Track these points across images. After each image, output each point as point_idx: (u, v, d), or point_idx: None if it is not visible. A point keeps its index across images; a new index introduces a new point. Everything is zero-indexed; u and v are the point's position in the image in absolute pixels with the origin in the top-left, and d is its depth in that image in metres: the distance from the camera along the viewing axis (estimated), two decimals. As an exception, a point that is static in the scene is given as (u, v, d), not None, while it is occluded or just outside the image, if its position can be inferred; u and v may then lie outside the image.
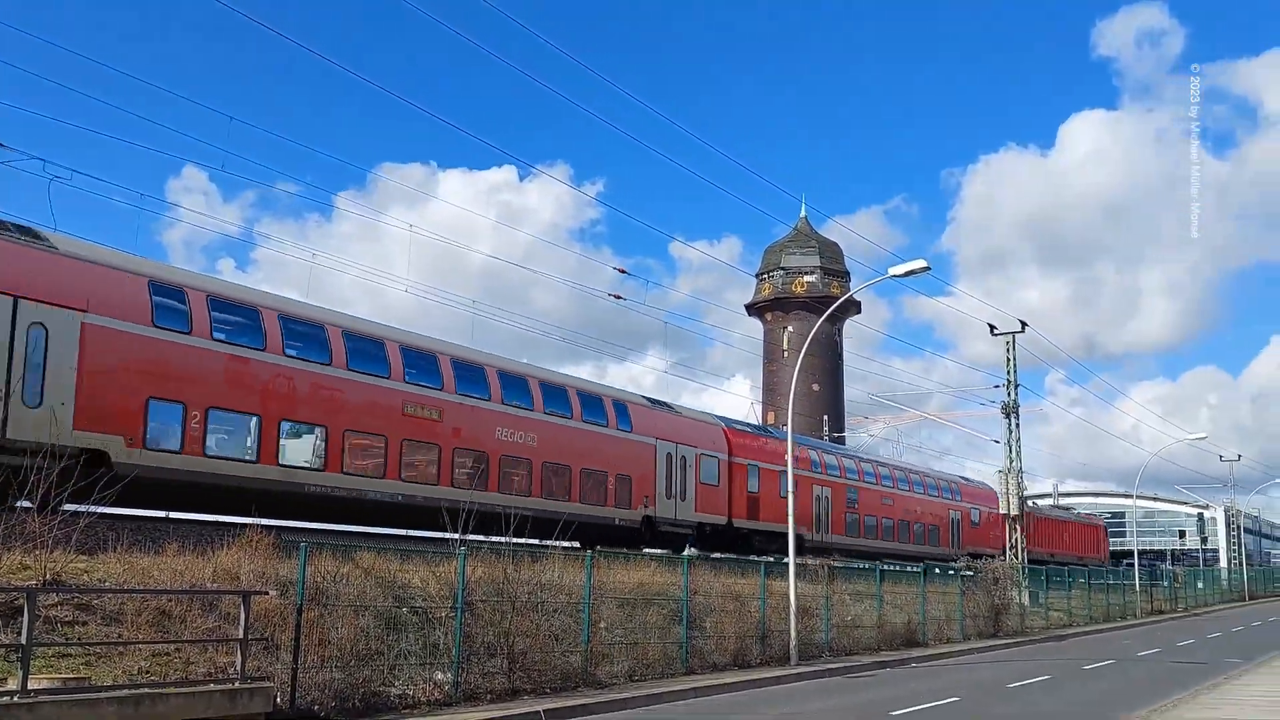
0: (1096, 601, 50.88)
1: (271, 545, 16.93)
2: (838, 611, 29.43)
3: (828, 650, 27.71)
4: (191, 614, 15.25)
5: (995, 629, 37.38)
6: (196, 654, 14.83)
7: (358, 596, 17.30)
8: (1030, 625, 41.07)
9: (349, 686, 15.74)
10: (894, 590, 33.87)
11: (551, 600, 19.88)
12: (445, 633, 17.75)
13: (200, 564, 16.15)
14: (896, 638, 31.26)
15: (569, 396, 31.17)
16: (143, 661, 14.24)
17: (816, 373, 75.13)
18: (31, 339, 18.32)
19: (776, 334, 79.34)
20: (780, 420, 60.35)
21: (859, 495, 45.81)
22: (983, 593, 37.88)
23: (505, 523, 19.26)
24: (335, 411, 23.76)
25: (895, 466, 52.63)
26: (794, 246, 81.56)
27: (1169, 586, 63.88)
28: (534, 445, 29.03)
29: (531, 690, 18.32)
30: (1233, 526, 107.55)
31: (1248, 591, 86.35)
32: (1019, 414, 48.71)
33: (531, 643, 18.73)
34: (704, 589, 24.88)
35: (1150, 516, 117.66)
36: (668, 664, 22.08)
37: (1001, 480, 48.40)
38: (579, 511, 29.41)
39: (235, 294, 23.24)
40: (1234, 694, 20.50)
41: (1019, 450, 48.20)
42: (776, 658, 25.29)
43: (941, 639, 33.88)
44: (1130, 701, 19.53)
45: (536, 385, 30.07)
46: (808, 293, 77.42)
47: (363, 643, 16.52)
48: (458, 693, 17.15)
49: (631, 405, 34.13)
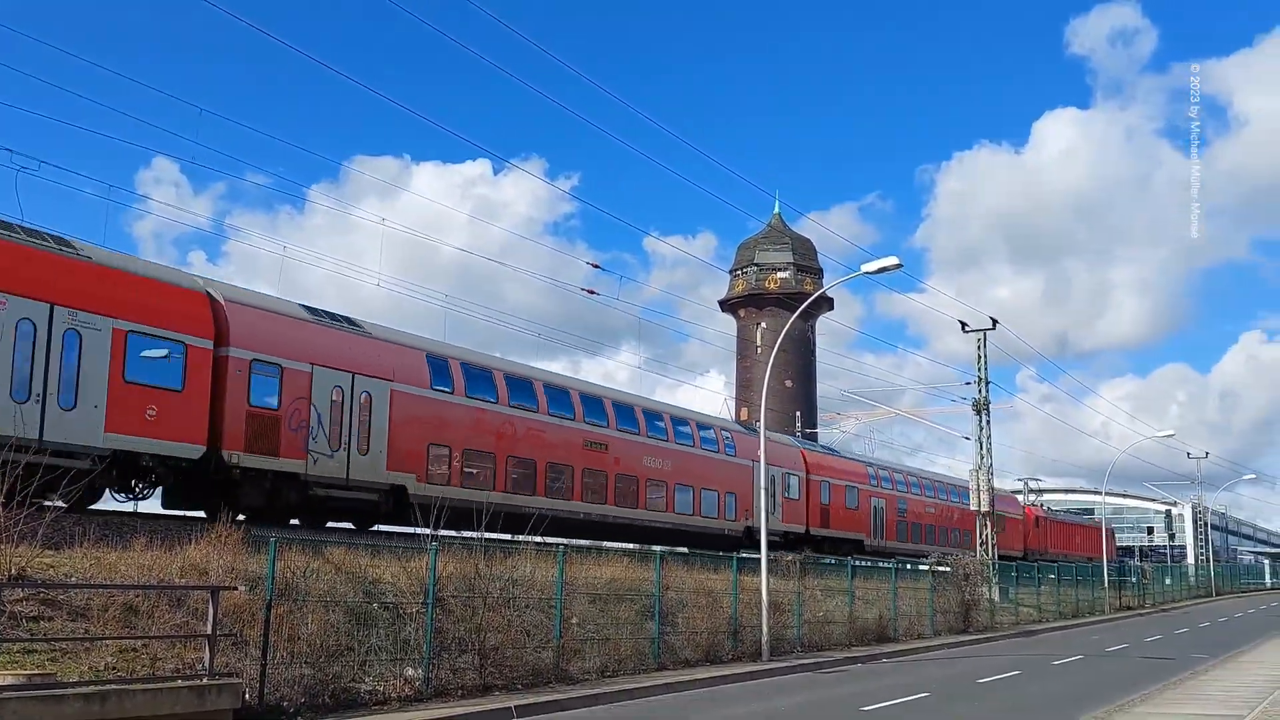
0: (1066, 597, 51.22)
1: (240, 540, 16.79)
2: (809, 607, 29.48)
3: (799, 646, 27.76)
4: (159, 610, 15.10)
5: (965, 625, 37.56)
6: (164, 650, 14.68)
7: (328, 592, 17.21)
8: (1000, 621, 41.29)
9: (318, 682, 15.64)
10: (865, 586, 33.99)
11: (523, 596, 19.81)
12: (416, 628, 17.66)
13: (168, 559, 15.99)
14: (868, 633, 31.34)
15: (691, 428, 37.92)
16: (109, 657, 14.09)
17: (789, 369, 75.32)
18: (359, 401, 24.75)
19: (750, 330, 79.40)
20: (754, 416, 60.51)
21: (908, 505, 52.77)
22: (953, 589, 38.04)
23: (645, 535, 25.34)
24: (541, 448, 30.21)
25: (934, 479, 59.08)
26: (767, 243, 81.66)
27: (1137, 583, 64.34)
28: (669, 470, 35.62)
29: (503, 686, 18.27)
30: (1200, 523, 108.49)
31: (1215, 588, 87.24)
32: (990, 411, 49.01)
33: (503, 638, 18.67)
34: (676, 584, 24.88)
35: (1119, 513, 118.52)
36: (640, 660, 22.06)
37: (972, 477, 48.63)
38: (700, 524, 36.86)
39: (477, 360, 29.79)
40: (1201, 689, 20.71)
41: (990, 447, 48.48)
42: (748, 653, 25.32)
43: (913, 634, 34.01)
44: (1099, 697, 19.68)
45: (669, 419, 36.85)
46: (781, 289, 77.54)
47: (333, 638, 16.42)
48: (428, 689, 17.08)
49: (735, 434, 41.09)
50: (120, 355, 20.00)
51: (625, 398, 35.86)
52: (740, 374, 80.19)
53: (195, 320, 21.59)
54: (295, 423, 23.25)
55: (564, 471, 30.77)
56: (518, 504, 27.90)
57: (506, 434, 29.11)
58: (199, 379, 21.42)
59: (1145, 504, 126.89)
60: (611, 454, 32.75)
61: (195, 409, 21.28)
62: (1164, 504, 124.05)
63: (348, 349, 25.06)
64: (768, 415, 28.66)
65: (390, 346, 26.38)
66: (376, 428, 25.03)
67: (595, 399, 33.33)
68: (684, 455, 36.43)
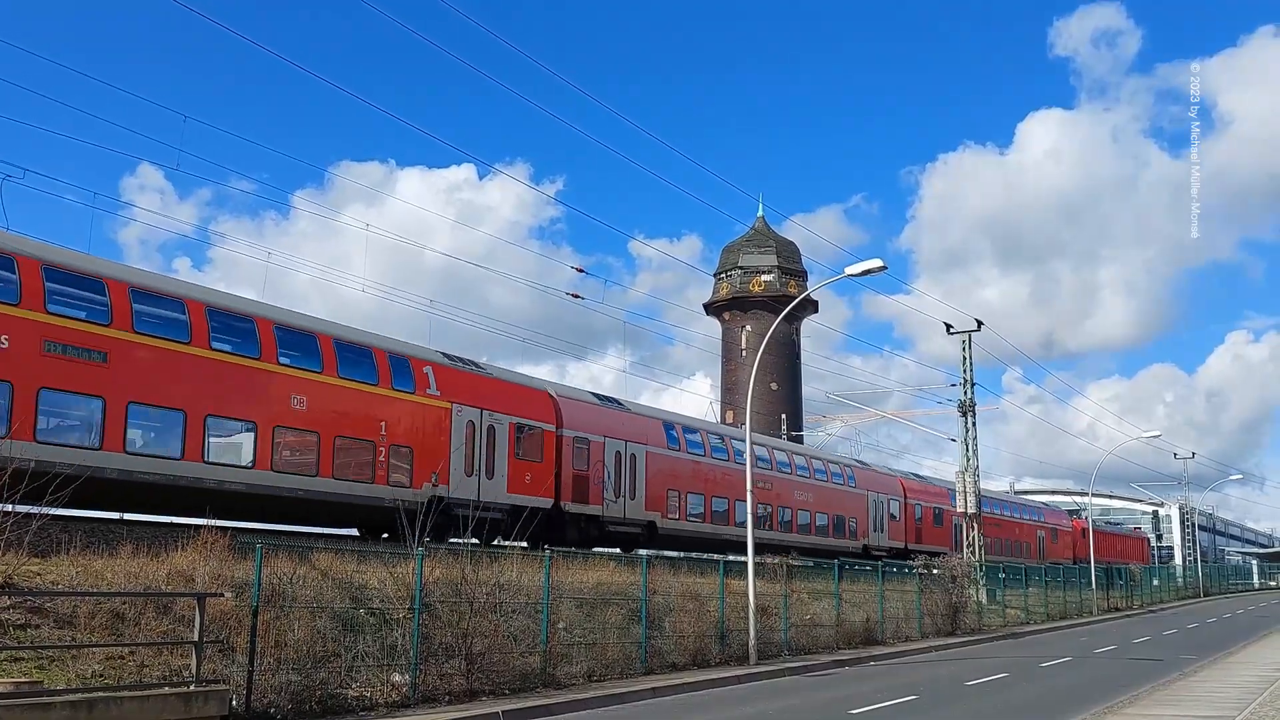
0: (1054, 599, 51.31)
1: (227, 547, 16.78)
2: (796, 610, 29.53)
3: (787, 649, 27.80)
4: (146, 617, 15.10)
5: (953, 627, 37.62)
6: (151, 657, 14.69)
7: (314, 598, 17.22)
8: (988, 623, 41.38)
9: (305, 689, 15.64)
10: (852, 589, 34.05)
11: (510, 601, 19.82)
12: (403, 634, 17.67)
13: (154, 566, 16.00)
14: (855, 636, 31.38)
15: (825, 466, 47.71)
16: (96, 665, 14.09)
17: (775, 372, 75.38)
18: (628, 461, 33.67)
19: (734, 333, 79.46)
20: (739, 419, 60.61)
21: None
22: (940, 591, 38.09)
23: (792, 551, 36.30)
24: (729, 488, 38.34)
25: (1006, 498, 68.61)
26: (751, 246, 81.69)
27: (1125, 584, 64.50)
28: (812, 501, 45.33)
29: (490, 691, 18.28)
30: (1187, 524, 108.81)
31: (1202, 588, 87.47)
32: (976, 413, 49.11)
33: (490, 644, 18.67)
34: (663, 589, 24.91)
35: (1106, 514, 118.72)
36: (627, 664, 22.08)
37: (959, 479, 48.70)
38: (834, 545, 45.26)
39: (690, 423, 40.12)
40: (1190, 691, 20.80)
41: (975, 449, 48.57)
42: (736, 657, 25.35)
43: (900, 637, 34.06)
44: (1087, 698, 19.75)
45: (810, 460, 46.93)
46: (765, 292, 77.58)
47: (319, 644, 16.42)
48: (415, 694, 17.09)
49: (855, 469, 50.91)
50: (513, 440, 29.03)
51: (780, 444, 48.92)
52: (725, 377, 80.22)
53: (547, 413, 30.78)
54: (596, 479, 32.15)
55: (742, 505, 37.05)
56: (716, 532, 37.85)
57: (710, 479, 38.35)
58: (550, 453, 30.45)
59: (1133, 505, 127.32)
60: (775, 490, 42.56)
61: (549, 474, 30.24)
62: (1151, 505, 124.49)
63: (619, 423, 34.07)
64: (753, 418, 28.72)
65: (641, 418, 35.77)
66: (638, 479, 34.10)
67: (762, 444, 44.18)
68: (822, 489, 46.48)
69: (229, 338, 22.38)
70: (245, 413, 22.29)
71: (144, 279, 21.90)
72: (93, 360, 19.64)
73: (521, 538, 24.75)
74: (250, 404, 22.36)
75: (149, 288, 21.43)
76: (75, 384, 19.39)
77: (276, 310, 24.49)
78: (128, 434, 20.10)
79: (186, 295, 22.18)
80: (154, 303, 21.22)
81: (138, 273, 22.34)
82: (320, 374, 23.93)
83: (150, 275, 23.00)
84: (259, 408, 22.49)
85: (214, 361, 21.86)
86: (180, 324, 21.44)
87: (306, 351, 23.98)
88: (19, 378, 18.45)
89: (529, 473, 29.23)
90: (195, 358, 21.51)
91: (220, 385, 21.87)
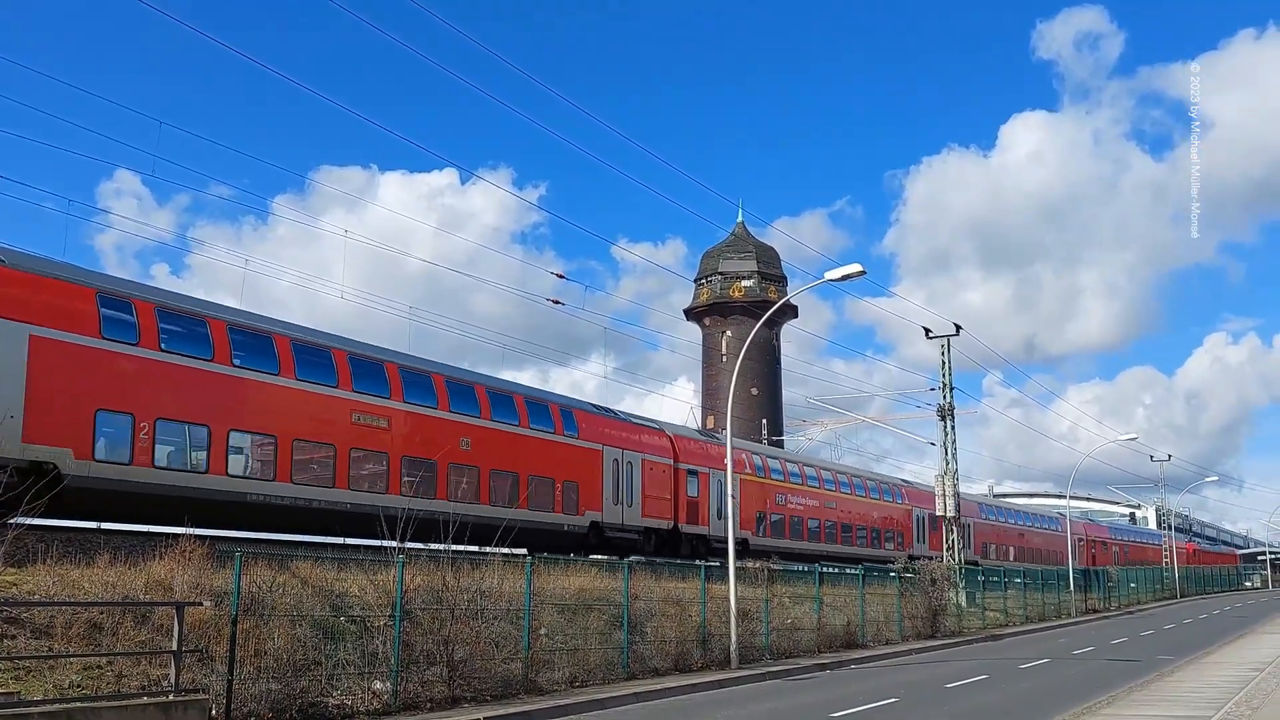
0: (1032, 601, 51.51)
1: (205, 555, 16.69)
2: (777, 614, 29.56)
3: (768, 653, 27.82)
4: (124, 626, 15.00)
5: (933, 630, 37.74)
6: (129, 666, 14.58)
7: (294, 606, 17.13)
8: (967, 625, 41.51)
9: (286, 697, 15.56)
10: (833, 592, 34.12)
11: (492, 607, 19.78)
12: (384, 641, 17.61)
13: (132, 575, 15.88)
14: (836, 640, 31.45)
15: (878, 485, 54.27)
16: (74, 675, 13.98)
17: (755, 377, 75.45)
18: (719, 487, 37.73)
19: (715, 339, 79.53)
20: (719, 424, 60.74)
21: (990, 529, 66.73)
22: (920, 594, 38.22)
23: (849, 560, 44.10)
24: (804, 509, 45.97)
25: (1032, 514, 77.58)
26: (731, 251, 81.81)
27: (1103, 585, 64.77)
28: (874, 517, 52.54)
29: (472, 698, 18.23)
30: (1164, 525, 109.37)
31: (1179, 590, 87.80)
32: (955, 416, 49.29)
33: (471, 650, 18.63)
34: (644, 594, 24.90)
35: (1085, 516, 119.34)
36: (609, 669, 22.06)
37: (938, 483, 48.87)
38: (885, 554, 50.13)
39: (771, 453, 48.67)
40: (1167, 691, 20.90)
41: (955, 453, 48.74)
42: (717, 661, 25.36)
43: (880, 640, 34.15)
44: (1066, 699, 19.84)
45: (866, 481, 53.30)
46: (745, 297, 77.68)
47: (300, 653, 16.35)
48: (397, 702, 17.03)
49: (902, 487, 56.86)
50: (645, 473, 35.06)
51: (843, 468, 53.99)
52: (706, 382, 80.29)
53: (667, 450, 37.08)
54: (703, 504, 38.05)
55: (818, 524, 47.01)
56: (792, 546, 43.69)
57: (789, 501, 44.70)
58: (670, 483, 36.46)
59: (1111, 507, 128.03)
60: (839, 508, 48.97)
61: (669, 501, 36.24)
62: (1128, 506, 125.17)
63: (717, 455, 38.11)
64: (733, 423, 28.76)
65: (737, 450, 36.93)
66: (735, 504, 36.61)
67: (827, 469, 51.05)
68: (872, 505, 51.94)
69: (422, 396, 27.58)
70: (471, 459, 28.17)
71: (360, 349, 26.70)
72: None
73: (651, 553, 32.93)
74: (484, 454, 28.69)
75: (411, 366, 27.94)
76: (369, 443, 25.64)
77: (451, 368, 29.92)
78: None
79: (435, 371, 28.45)
80: (414, 379, 27.54)
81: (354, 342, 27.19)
82: (517, 426, 30.14)
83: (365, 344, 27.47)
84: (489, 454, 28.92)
85: (453, 423, 27.89)
86: (429, 392, 27.59)
87: (508, 407, 30.17)
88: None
89: (656, 500, 35.75)
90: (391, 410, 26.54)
91: (449, 437, 27.63)
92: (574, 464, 31.83)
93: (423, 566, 19.08)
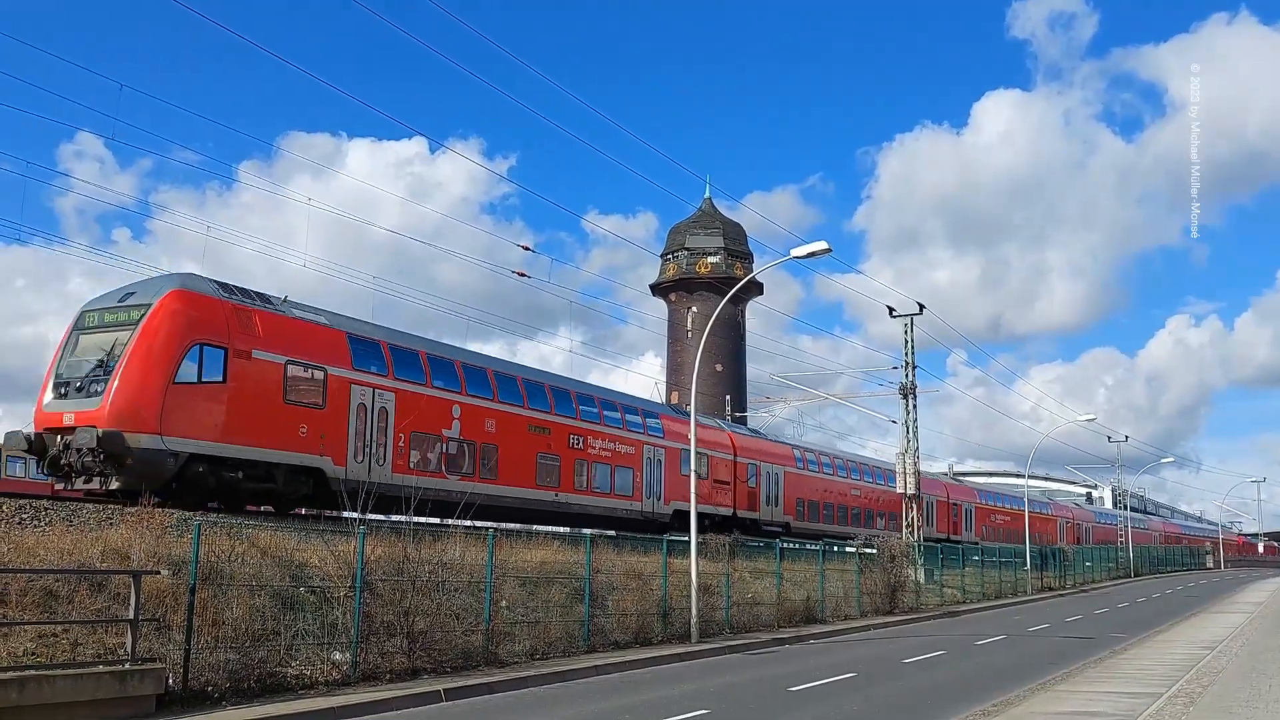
0: (989, 578, 51.97)
1: (163, 523, 16.55)
2: (738, 589, 29.70)
3: (728, 628, 27.96)
4: (80, 595, 14.85)
5: (892, 606, 38.04)
6: (85, 635, 14.45)
7: (254, 576, 17.04)
8: (925, 602, 41.86)
9: (244, 667, 15.49)
10: (793, 568, 34.28)
11: (453, 579, 19.76)
12: (344, 612, 17.54)
13: (89, 543, 15.74)
14: (795, 615, 31.63)
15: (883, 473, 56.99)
16: (28, 643, 13.83)
17: (720, 353, 75.48)
18: (766, 478, 45.22)
19: (681, 314, 79.47)
20: (684, 400, 60.89)
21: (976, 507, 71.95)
22: (880, 570, 38.48)
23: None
24: (840, 496, 52.40)
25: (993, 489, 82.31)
26: (698, 227, 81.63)
27: (1059, 564, 65.45)
28: (866, 501, 55.80)
29: (432, 670, 18.22)
30: (1120, 505, 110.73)
31: (1134, 569, 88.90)
32: (917, 395, 49.62)
33: (432, 622, 18.60)
34: (606, 567, 24.91)
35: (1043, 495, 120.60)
36: (570, 642, 22.09)
37: (899, 460, 49.22)
38: None
39: (810, 446, 52.88)
40: (1120, 668, 21.17)
41: (916, 431, 49.09)
42: (678, 635, 25.46)
43: (840, 616, 34.39)
44: (1021, 675, 20.05)
45: (871, 468, 57.52)
46: (711, 274, 77.57)
47: (258, 623, 16.27)
48: (356, 672, 16.99)
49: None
50: (712, 468, 41.21)
51: (870, 460, 59.37)
52: (671, 358, 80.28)
53: (728, 447, 43.09)
54: (756, 491, 44.01)
55: (832, 506, 51.67)
56: (833, 530, 48.04)
57: (829, 490, 51.19)
58: (730, 474, 42.57)
59: (1068, 486, 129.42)
60: (864, 495, 54.96)
61: (730, 491, 42.41)
62: (1085, 486, 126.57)
63: (766, 448, 46.53)
64: (698, 399, 28.79)
65: (783, 445, 49.39)
66: (778, 491, 45.93)
67: (854, 458, 57.92)
68: (888, 491, 54.96)
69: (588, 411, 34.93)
70: (596, 458, 34.67)
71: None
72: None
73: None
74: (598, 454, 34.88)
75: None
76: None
77: (622, 395, 39.15)
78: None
79: (653, 413, 39.53)
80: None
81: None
82: (663, 439, 38.32)
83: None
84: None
85: (576, 429, 33.86)
86: (568, 404, 33.99)
87: (617, 414, 36.55)
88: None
89: (721, 490, 41.83)
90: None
91: (567, 439, 33.29)
92: (660, 462, 38.02)
93: (384, 538, 19.01)
